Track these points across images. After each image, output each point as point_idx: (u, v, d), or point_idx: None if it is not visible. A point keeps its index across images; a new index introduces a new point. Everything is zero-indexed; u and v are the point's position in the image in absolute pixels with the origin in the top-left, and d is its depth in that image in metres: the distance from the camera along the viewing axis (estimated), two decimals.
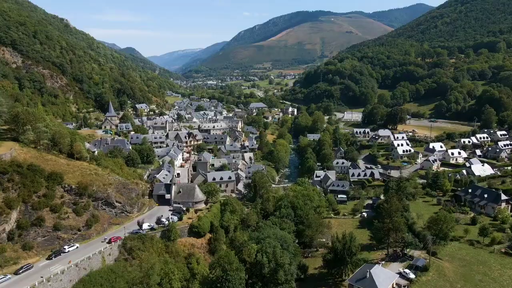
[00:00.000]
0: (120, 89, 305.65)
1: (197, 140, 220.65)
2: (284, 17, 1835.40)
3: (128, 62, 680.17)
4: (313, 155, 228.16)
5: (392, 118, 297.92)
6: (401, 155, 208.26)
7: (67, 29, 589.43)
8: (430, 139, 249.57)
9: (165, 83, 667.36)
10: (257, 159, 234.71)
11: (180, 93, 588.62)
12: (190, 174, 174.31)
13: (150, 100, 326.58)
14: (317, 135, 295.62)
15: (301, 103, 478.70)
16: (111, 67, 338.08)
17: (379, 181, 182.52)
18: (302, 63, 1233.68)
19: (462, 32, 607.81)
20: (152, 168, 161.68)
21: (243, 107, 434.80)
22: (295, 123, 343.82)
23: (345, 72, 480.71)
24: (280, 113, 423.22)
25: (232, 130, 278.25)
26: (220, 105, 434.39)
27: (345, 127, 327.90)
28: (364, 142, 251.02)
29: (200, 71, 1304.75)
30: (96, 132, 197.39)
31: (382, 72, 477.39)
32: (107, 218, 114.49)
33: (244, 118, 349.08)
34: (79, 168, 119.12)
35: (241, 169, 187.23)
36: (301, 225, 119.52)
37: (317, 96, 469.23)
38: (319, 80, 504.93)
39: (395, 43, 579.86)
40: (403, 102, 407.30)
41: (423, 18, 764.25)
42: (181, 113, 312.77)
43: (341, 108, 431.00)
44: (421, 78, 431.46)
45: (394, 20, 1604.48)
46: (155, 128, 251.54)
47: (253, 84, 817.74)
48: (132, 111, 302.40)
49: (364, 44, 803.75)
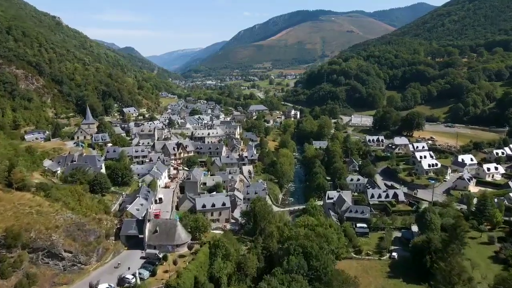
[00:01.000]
0: (106, 92, 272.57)
1: (188, 152, 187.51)
2: (284, 17, 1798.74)
3: (124, 62, 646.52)
4: (322, 168, 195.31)
5: (407, 124, 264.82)
6: (426, 170, 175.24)
7: (59, 27, 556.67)
8: (455, 149, 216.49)
9: (162, 83, 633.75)
10: (257, 172, 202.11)
11: (177, 94, 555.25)
12: (177, 197, 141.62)
13: (140, 103, 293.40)
14: (324, 142, 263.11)
15: (304, 105, 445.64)
16: (98, 67, 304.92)
17: (404, 204, 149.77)
18: (302, 62, 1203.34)
19: (472, 30, 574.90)
20: (128, 192, 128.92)
21: (242, 110, 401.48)
22: (298, 128, 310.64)
23: (350, 72, 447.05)
24: (282, 116, 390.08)
25: (229, 137, 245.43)
26: (218, 107, 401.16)
27: (354, 133, 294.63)
28: (380, 153, 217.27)
29: (200, 71, 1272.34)
30: (66, 145, 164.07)
31: (390, 72, 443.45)
32: (50, 277, 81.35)
33: (243, 123, 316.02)
34: (15, 204, 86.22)
35: (239, 189, 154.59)
36: (318, 282, 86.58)
37: (321, 98, 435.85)
38: (322, 81, 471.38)
39: (402, 42, 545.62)
40: (414, 105, 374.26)
41: (429, 16, 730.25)
42: (173, 118, 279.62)
43: (347, 111, 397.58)
44: (433, 79, 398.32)
45: (395, 20, 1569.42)
46: (141, 137, 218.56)
47: (253, 84, 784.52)
48: (118, 115, 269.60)
49: (368, 43, 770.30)
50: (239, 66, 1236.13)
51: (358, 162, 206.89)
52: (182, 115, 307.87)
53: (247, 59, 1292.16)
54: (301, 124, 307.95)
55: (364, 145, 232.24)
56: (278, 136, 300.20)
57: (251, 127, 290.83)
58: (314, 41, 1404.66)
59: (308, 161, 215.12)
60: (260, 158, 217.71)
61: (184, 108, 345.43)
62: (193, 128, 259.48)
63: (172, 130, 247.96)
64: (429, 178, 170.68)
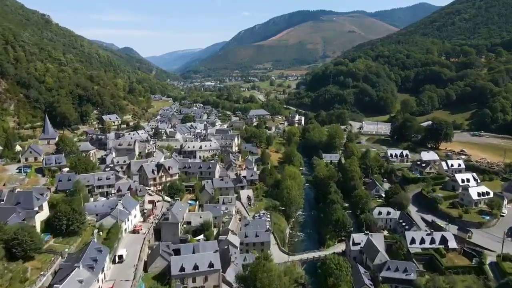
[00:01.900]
0: (83, 96, 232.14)
1: (172, 175, 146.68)
2: (285, 17, 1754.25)
3: (117, 62, 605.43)
4: (338, 194, 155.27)
5: (433, 134, 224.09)
6: (475, 201, 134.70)
7: (47, 25, 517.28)
8: (498, 167, 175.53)
9: (157, 85, 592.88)
10: (258, 195, 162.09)
11: (172, 97, 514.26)
12: (149, 246, 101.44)
13: (124, 109, 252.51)
14: (336, 155, 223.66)
15: (308, 109, 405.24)
16: (76, 68, 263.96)
17: (457, 253, 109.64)
18: (303, 63, 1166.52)
19: (485, 29, 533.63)
20: (74, 248, 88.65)
21: (241, 115, 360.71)
22: (304, 137, 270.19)
23: (358, 73, 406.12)
24: (284, 122, 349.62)
25: (225, 150, 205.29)
26: (214, 112, 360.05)
27: (369, 143, 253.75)
28: (407, 173, 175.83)
29: (199, 72, 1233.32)
30: (6, 171, 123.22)
31: (401, 74, 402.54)
32: None
33: (242, 131, 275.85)
34: None
35: (234, 230, 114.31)
36: None
37: (327, 101, 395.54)
38: (328, 83, 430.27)
39: (413, 41, 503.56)
40: (432, 110, 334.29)
41: (437, 15, 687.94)
42: (161, 127, 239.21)
43: (356, 116, 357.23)
44: (450, 81, 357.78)
45: (397, 20, 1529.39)
46: (118, 152, 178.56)
47: (253, 85, 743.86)
48: (97, 124, 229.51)
49: (372, 43, 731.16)
50: (239, 66, 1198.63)
51: (381, 184, 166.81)
52: (173, 123, 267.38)
53: (247, 59, 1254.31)
54: (308, 132, 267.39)
55: (386, 161, 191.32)
56: (282, 145, 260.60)
57: (251, 136, 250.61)
58: (315, 41, 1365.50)
59: (320, 182, 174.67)
60: (261, 178, 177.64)
61: (175, 114, 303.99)
62: (184, 139, 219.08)
63: (159, 142, 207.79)
64: (481, 212, 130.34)
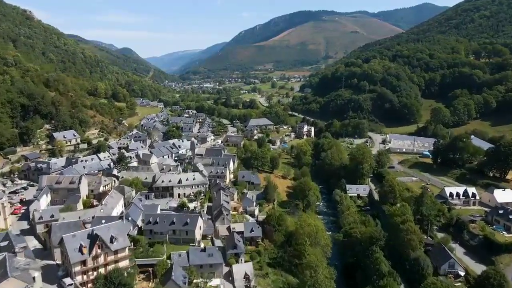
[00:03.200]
0: (29, 107, 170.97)
1: (117, 251, 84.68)
2: (286, 17, 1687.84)
3: (105, 63, 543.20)
4: (386, 264, 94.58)
5: (496, 159, 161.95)
6: None
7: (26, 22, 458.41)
8: None
9: (150, 87, 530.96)
10: (261, 266, 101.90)
11: (164, 101, 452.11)
12: None
13: (87, 122, 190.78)
14: (364, 187, 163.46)
15: (317, 117, 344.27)
16: (28, 69, 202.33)
17: None
18: (305, 64, 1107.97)
19: (510, 26, 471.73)
20: None
21: (240, 125, 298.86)
22: (319, 158, 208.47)
23: (375, 75, 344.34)
24: (291, 133, 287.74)
25: (215, 184, 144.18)
26: (208, 122, 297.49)
27: (404, 168, 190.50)
28: (489, 232, 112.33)
29: (198, 73, 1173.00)
30: None
31: (425, 76, 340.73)
32: None
33: (240, 148, 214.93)
34: None
35: None
36: None
37: (339, 108, 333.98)
38: (339, 86, 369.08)
39: (434, 39, 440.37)
40: (468, 120, 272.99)
41: (452, 12, 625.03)
42: (133, 147, 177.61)
43: (375, 126, 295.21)
44: (486, 85, 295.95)
45: (400, 20, 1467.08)
46: (56, 195, 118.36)
47: (254, 87, 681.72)
48: (46, 145, 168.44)
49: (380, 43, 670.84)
50: (239, 67, 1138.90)
51: (451, 250, 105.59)
52: (151, 139, 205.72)
53: (248, 60, 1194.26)
54: (323, 151, 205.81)
55: (447, 206, 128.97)
56: (290, 167, 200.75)
57: (251, 158, 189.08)
58: (317, 42, 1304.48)
59: (353, 243, 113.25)
60: (267, 232, 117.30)
61: (158, 126, 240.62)
62: (160, 167, 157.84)
63: (123, 173, 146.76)
64: None
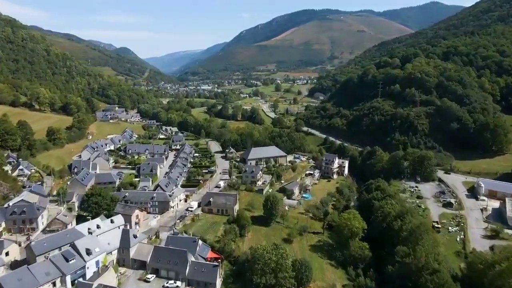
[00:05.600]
0: None
1: None
2: (289, 16, 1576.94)
3: (74, 63, 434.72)
4: None
5: None
6: None
7: None
8: None
9: (130, 92, 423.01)
10: None
11: (143, 110, 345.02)
12: None
13: None
14: None
15: (343, 137, 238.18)
16: None
17: None
18: (310, 64, 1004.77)
19: None
20: None
21: (235, 155, 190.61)
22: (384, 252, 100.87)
23: (427, 80, 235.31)
24: (314, 170, 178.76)
25: None
26: (188, 150, 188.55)
27: None
28: None
29: (198, 73, 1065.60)
30: None
31: (499, 81, 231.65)
32: None
33: (232, 214, 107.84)
34: None
35: None
36: None
37: (377, 126, 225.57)
38: (372, 94, 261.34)
39: (496, 31, 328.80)
40: None
41: (487, 4, 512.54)
42: None
43: (440, 158, 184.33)
44: None
45: (407, 19, 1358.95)
46: None
47: (255, 91, 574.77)
48: None
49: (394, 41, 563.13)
50: (240, 68, 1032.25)
51: None
52: (71, 210, 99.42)
53: (249, 60, 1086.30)
54: (377, 218, 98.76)
55: None
56: (330, 265, 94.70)
57: (253, 264, 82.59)
58: (321, 41, 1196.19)
59: None
60: None
61: (90, 174, 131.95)
62: None
63: None
64: None
